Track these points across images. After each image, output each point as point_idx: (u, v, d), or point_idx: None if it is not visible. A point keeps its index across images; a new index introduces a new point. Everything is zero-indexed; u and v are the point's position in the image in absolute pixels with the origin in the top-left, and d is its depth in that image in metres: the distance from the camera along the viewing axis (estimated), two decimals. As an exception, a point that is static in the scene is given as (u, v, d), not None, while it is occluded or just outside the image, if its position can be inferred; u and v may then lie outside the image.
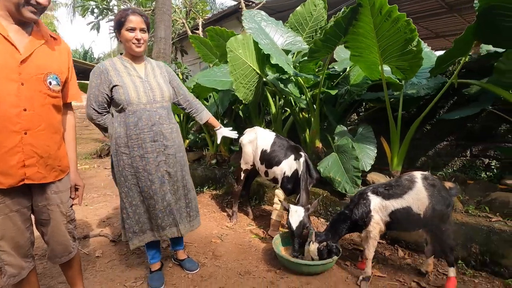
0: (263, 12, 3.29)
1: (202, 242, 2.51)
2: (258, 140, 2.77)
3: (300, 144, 3.13)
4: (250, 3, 6.69)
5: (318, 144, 3.16)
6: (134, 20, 1.65)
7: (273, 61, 2.58)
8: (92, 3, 6.61)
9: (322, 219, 2.88)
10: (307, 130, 3.44)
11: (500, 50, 2.39)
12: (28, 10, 1.17)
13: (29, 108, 1.20)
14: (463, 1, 5.93)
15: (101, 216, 3.24)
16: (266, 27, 3.15)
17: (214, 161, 4.35)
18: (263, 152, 2.70)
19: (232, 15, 8.21)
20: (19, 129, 1.18)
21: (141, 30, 1.68)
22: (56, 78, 1.31)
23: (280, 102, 3.88)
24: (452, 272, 1.74)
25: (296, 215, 2.15)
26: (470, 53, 2.75)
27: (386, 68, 2.56)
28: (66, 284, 1.72)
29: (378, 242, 2.46)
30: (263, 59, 2.85)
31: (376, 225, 1.80)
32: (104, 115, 1.77)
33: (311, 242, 1.95)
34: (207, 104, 4.47)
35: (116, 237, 2.61)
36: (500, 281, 1.84)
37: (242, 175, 2.94)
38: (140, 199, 1.76)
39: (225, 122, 4.38)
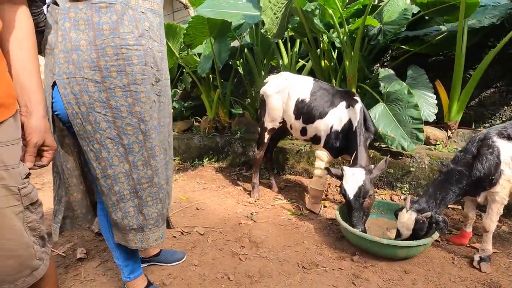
0: None
1: (227, 225, 1.85)
2: (290, 88, 2.07)
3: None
4: None
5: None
6: None
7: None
8: None
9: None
10: (333, 79, 2.80)
11: None
12: None
13: None
14: None
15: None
16: None
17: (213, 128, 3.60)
18: (300, 103, 2.02)
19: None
20: None
21: None
22: None
23: (294, 50, 3.17)
24: None
25: (354, 179, 1.56)
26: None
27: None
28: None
29: (451, 208, 1.97)
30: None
31: (507, 184, 1.24)
32: (38, 4, 0.93)
33: (405, 211, 1.37)
34: (197, 60, 3.62)
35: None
36: None
37: (266, 136, 2.26)
38: (125, 169, 1.01)
39: (223, 82, 3.58)
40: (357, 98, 1.84)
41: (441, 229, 1.31)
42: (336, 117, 1.89)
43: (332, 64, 2.87)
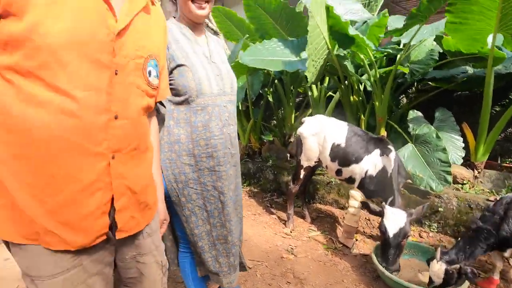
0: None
1: (270, 259, 2.07)
2: (326, 131, 2.28)
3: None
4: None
5: (384, 133, 2.71)
6: None
7: (350, 32, 2.05)
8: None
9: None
10: (362, 115, 2.99)
11: None
12: None
13: (121, 115, 0.69)
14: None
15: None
16: (321, -8, 2.58)
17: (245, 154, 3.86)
18: (335, 147, 2.23)
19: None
20: (105, 150, 0.67)
21: None
22: (156, 65, 0.80)
23: (324, 84, 3.38)
24: None
25: (395, 219, 1.74)
26: None
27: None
28: None
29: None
30: (329, 29, 2.31)
31: (534, 243, 1.40)
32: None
33: (436, 261, 1.54)
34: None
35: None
36: None
37: (302, 173, 2.47)
38: (206, 229, 1.28)
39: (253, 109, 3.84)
40: (391, 146, 2.03)
41: (470, 279, 1.48)
42: (371, 163, 2.07)
43: (361, 99, 3.05)
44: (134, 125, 0.73)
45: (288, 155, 3.78)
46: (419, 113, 2.58)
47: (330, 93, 3.50)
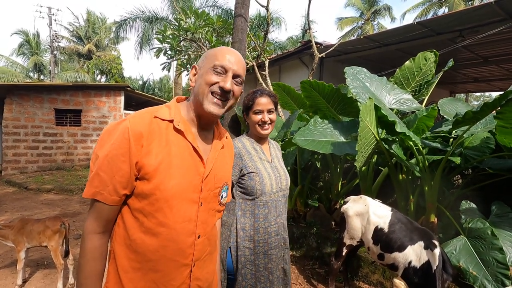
0: (365, 69, 3.05)
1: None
2: (370, 214, 2.38)
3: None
4: (318, 46, 6.59)
5: (434, 219, 2.67)
6: (262, 103, 1.50)
7: (398, 129, 2.25)
8: (166, 45, 6.96)
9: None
10: (411, 196, 2.99)
11: None
12: (213, 103, 0.91)
13: (202, 234, 0.94)
14: None
15: None
16: (371, 85, 2.88)
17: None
18: (378, 231, 2.30)
19: (294, 55, 8.24)
20: (190, 262, 0.92)
21: (269, 111, 1.51)
22: (227, 188, 1.06)
23: (372, 160, 3.49)
24: None
25: None
26: None
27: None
28: None
29: None
30: (377, 122, 2.54)
31: None
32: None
33: None
34: (283, 152, 4.22)
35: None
36: None
37: (344, 251, 2.54)
38: None
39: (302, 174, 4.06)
40: (436, 242, 2.03)
41: None
42: (415, 254, 2.09)
43: (410, 177, 3.08)
44: (209, 238, 0.98)
45: (333, 222, 3.81)
46: (473, 205, 2.51)
47: (380, 167, 3.58)
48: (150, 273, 0.87)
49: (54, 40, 19.58)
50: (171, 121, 0.90)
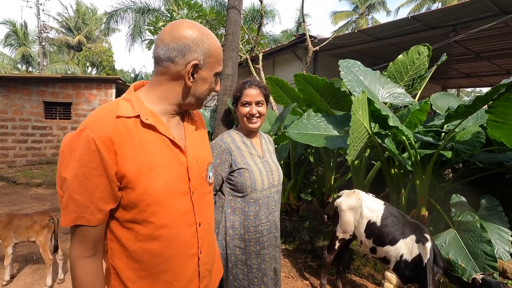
0: (359, 63, 3.03)
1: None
2: (363, 208, 2.39)
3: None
4: (312, 39, 6.55)
5: (424, 212, 2.70)
6: (250, 94, 1.42)
7: (391, 123, 2.24)
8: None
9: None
10: (403, 190, 3.01)
11: None
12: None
13: (202, 221, 0.92)
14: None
15: None
16: (365, 78, 2.86)
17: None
18: (371, 225, 2.31)
19: (288, 48, 8.18)
20: (196, 250, 0.90)
21: (257, 103, 1.44)
22: (212, 167, 1.01)
23: (365, 154, 3.50)
24: None
25: None
26: None
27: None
28: None
29: None
30: (370, 116, 2.54)
31: None
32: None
33: None
34: (276, 146, 4.21)
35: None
36: None
37: (337, 244, 2.55)
38: None
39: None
40: (427, 235, 2.05)
41: None
42: (406, 248, 2.10)
43: (402, 171, 3.10)
44: (209, 222, 0.96)
45: (326, 216, 3.83)
46: (463, 198, 2.55)
47: (373, 161, 3.59)
48: (161, 275, 0.83)
49: (42, 31, 19.00)
50: (137, 116, 0.79)
